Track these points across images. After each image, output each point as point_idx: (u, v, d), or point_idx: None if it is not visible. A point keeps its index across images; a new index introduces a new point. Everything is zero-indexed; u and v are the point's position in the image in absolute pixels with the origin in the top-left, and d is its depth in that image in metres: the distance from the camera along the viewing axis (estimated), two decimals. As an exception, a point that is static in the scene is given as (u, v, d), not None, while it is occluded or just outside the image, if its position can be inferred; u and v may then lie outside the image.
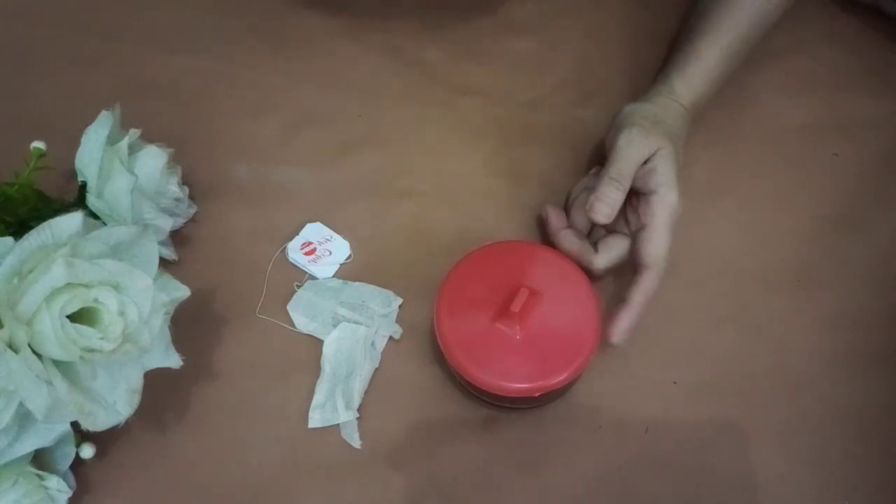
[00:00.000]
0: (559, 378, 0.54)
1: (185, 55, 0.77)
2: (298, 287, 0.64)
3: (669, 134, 0.61)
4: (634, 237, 0.60)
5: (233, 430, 0.59)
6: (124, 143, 0.60)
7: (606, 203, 0.58)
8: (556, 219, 0.63)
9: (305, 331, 0.62)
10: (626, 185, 0.59)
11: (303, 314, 0.62)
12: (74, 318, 0.48)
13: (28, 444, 0.50)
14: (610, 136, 0.63)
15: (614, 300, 0.61)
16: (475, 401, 0.59)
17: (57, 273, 0.47)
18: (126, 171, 0.59)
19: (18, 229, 0.54)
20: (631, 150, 0.59)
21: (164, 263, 0.56)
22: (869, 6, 0.79)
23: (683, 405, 0.60)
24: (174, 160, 0.65)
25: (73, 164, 0.61)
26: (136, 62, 0.77)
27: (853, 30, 0.79)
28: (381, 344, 0.61)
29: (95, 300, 0.49)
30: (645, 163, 0.60)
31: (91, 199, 0.59)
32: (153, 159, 0.62)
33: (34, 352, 0.47)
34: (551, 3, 0.82)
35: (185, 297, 0.54)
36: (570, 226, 0.63)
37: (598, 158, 0.70)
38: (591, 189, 0.61)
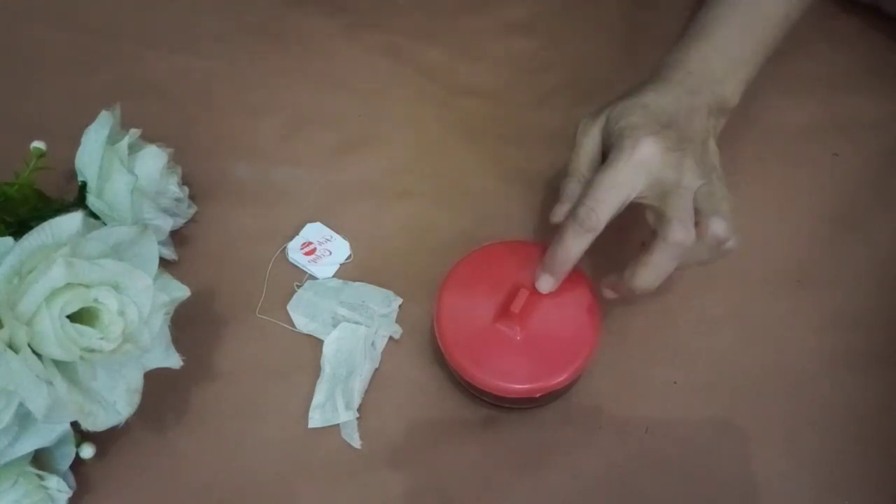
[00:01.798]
0: (559, 378, 0.54)
1: (186, 55, 0.77)
2: (298, 287, 0.64)
3: (680, 137, 0.53)
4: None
5: (233, 430, 0.58)
6: (124, 143, 0.60)
7: (648, 271, 0.52)
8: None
9: (305, 331, 0.62)
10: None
11: (303, 314, 0.62)
12: (74, 318, 0.48)
13: (28, 444, 0.50)
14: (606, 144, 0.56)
15: (614, 302, 0.62)
16: (475, 401, 0.59)
17: (57, 273, 0.47)
18: (126, 171, 0.59)
19: (18, 229, 0.54)
20: (623, 191, 0.52)
21: (164, 263, 0.56)
22: (869, 6, 0.79)
23: (683, 405, 0.60)
24: (174, 160, 0.65)
25: (73, 164, 0.61)
26: (136, 62, 0.77)
27: (853, 30, 0.79)
28: (381, 344, 0.61)
29: (95, 300, 0.49)
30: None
31: (91, 199, 0.59)
32: (153, 159, 0.62)
33: (34, 352, 0.47)
34: (551, 3, 0.82)
35: (185, 297, 0.54)
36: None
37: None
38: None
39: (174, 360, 0.54)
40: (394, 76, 0.77)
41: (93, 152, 0.59)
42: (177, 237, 0.66)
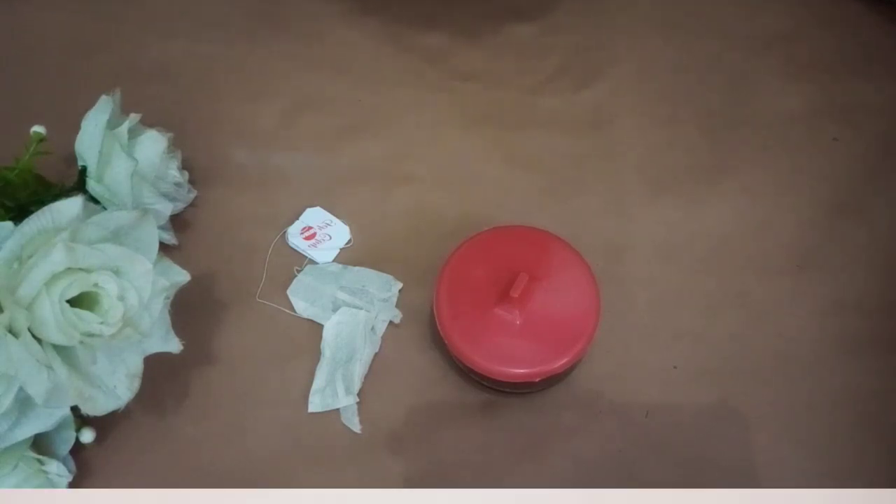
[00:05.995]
0: (559, 363, 0.54)
1: (185, 39, 0.77)
2: (298, 272, 0.64)
3: None
4: None
5: (233, 415, 0.59)
6: (124, 128, 0.60)
7: None
8: None
9: (305, 315, 0.62)
10: None
11: (303, 299, 0.62)
12: (74, 302, 0.48)
13: (28, 429, 0.50)
14: None
15: (613, 285, 0.62)
16: (475, 385, 0.59)
17: (57, 258, 0.47)
18: (126, 155, 0.59)
19: (18, 214, 0.54)
20: None
21: (164, 248, 0.56)
22: (870, -9, 0.79)
23: (684, 390, 0.60)
24: (174, 144, 0.64)
25: (73, 148, 0.60)
26: (136, 46, 0.76)
27: (854, 14, 0.79)
28: (381, 328, 0.62)
29: (95, 285, 0.49)
30: None
31: (91, 184, 0.59)
32: (153, 144, 0.61)
33: (34, 336, 0.47)
34: (552, -12, 0.82)
35: (185, 282, 0.54)
36: None
37: (598, 145, 0.70)
38: None
39: (174, 345, 0.54)
40: (394, 61, 0.76)
41: (93, 137, 0.59)
42: (177, 222, 0.66)
